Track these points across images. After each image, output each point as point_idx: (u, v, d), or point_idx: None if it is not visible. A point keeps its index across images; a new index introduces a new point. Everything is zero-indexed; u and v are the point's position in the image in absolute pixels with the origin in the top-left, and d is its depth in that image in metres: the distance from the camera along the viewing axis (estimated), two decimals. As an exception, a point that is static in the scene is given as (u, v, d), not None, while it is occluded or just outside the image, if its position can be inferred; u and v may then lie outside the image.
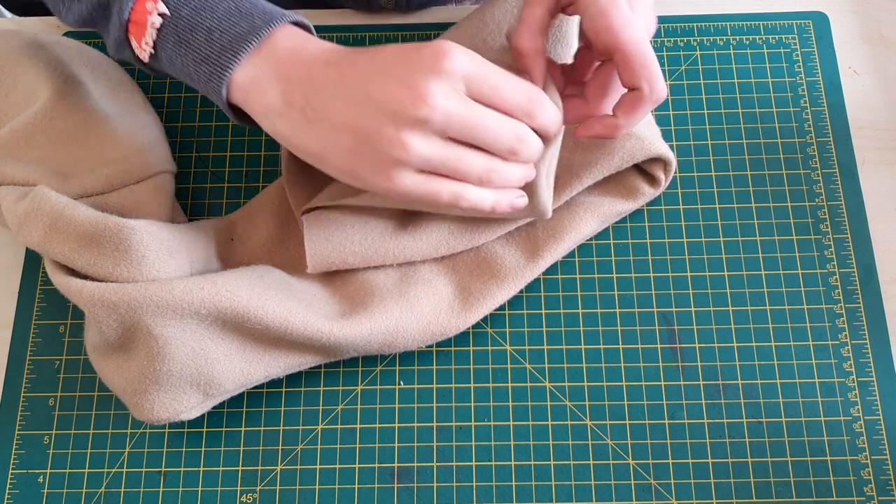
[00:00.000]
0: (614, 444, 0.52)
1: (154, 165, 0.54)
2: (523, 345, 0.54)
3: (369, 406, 0.53)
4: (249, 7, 0.45)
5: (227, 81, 0.44)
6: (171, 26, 0.45)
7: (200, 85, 0.45)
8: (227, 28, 0.44)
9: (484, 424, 0.52)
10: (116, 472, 0.52)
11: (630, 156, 0.53)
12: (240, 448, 0.52)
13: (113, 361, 0.49)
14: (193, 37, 0.44)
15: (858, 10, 0.64)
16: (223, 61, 0.44)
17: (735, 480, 0.51)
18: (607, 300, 0.55)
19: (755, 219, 0.57)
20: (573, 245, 0.55)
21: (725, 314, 0.55)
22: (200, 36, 0.44)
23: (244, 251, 0.55)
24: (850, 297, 0.55)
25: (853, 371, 0.53)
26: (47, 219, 0.48)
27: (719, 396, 0.53)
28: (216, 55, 0.44)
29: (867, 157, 0.59)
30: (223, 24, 0.44)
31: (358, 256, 0.52)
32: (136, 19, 0.45)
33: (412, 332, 0.51)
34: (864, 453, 0.51)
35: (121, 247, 0.47)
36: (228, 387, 0.49)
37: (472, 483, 0.51)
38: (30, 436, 0.52)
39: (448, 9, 0.65)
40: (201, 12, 0.44)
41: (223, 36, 0.44)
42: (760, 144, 0.59)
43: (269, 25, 0.44)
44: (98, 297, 0.46)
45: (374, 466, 0.51)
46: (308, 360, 0.52)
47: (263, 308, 0.48)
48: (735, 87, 0.61)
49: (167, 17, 0.44)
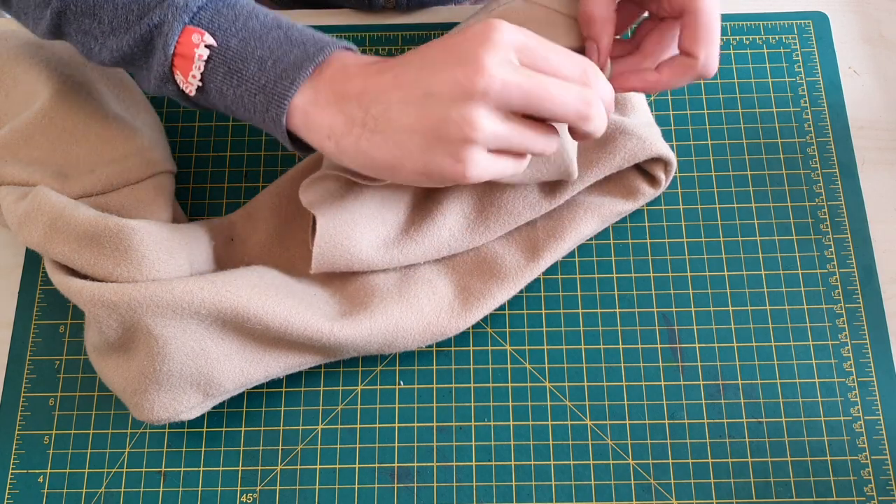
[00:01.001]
0: (614, 444, 0.52)
1: (154, 165, 0.54)
2: (523, 345, 0.54)
3: (369, 406, 0.53)
4: (299, 36, 0.44)
5: (287, 109, 0.43)
6: (220, 58, 0.43)
7: (256, 115, 0.44)
8: (281, 57, 0.43)
9: (484, 424, 0.52)
10: (116, 472, 0.52)
11: (631, 156, 0.53)
12: (240, 448, 0.52)
13: (113, 361, 0.49)
14: (245, 67, 0.43)
15: (858, 10, 0.64)
16: (280, 89, 0.43)
17: (735, 480, 0.51)
18: (607, 300, 0.55)
19: (755, 219, 0.57)
20: (573, 245, 0.55)
21: (725, 314, 0.55)
22: (253, 66, 0.43)
23: (244, 251, 0.55)
24: (850, 297, 0.55)
25: (853, 371, 0.53)
26: (47, 219, 0.48)
27: (719, 396, 0.53)
28: (272, 84, 0.43)
29: (867, 157, 0.59)
30: (276, 54, 0.43)
31: (364, 264, 0.52)
32: (183, 52, 0.43)
33: (412, 332, 0.51)
34: (864, 453, 0.51)
35: (121, 247, 0.47)
36: (228, 387, 0.49)
37: (472, 483, 0.51)
38: (30, 436, 0.52)
39: (448, 9, 0.65)
40: (250, 42, 0.44)
41: (277, 65, 0.43)
42: (760, 144, 0.59)
43: (323, 52, 0.43)
44: (98, 297, 0.46)
45: (374, 466, 0.51)
46: (308, 360, 0.52)
47: (263, 308, 0.48)
48: (735, 87, 0.61)
49: (214, 48, 0.43)
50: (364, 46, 0.62)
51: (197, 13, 0.44)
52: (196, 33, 0.43)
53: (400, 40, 0.63)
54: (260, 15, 0.45)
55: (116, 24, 0.45)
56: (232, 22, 0.44)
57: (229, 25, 0.44)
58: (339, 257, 0.51)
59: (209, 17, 0.44)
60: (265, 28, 0.44)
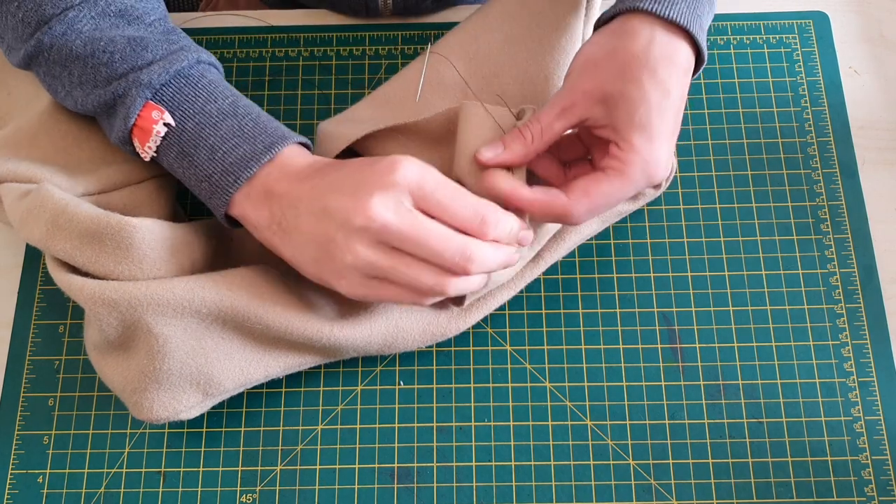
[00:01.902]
0: (614, 445, 0.52)
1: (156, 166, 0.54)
2: (523, 345, 0.54)
3: (369, 406, 0.53)
4: (252, 128, 0.47)
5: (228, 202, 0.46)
6: (175, 138, 0.47)
7: (202, 196, 0.48)
8: (230, 150, 0.46)
9: (484, 424, 0.52)
10: (116, 472, 0.52)
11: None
12: (240, 448, 0.52)
13: (113, 360, 0.49)
14: (196, 153, 0.46)
15: (859, 10, 0.64)
16: (224, 184, 0.46)
17: (735, 481, 0.51)
18: (607, 300, 0.55)
19: (755, 219, 0.57)
20: (573, 245, 0.55)
21: (726, 314, 0.55)
22: (203, 153, 0.46)
23: (244, 251, 0.55)
24: (850, 297, 0.55)
25: (854, 371, 0.53)
26: (49, 216, 0.48)
27: (720, 396, 0.53)
28: (218, 176, 0.46)
29: (867, 156, 0.59)
30: (226, 145, 0.46)
31: None
32: (142, 125, 0.47)
33: (412, 332, 0.51)
34: (864, 453, 0.51)
35: (122, 244, 0.47)
36: (228, 386, 0.49)
37: (472, 483, 0.51)
38: (29, 436, 0.52)
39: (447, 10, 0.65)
40: (205, 128, 0.46)
41: (226, 157, 0.46)
42: (760, 144, 0.59)
43: (270, 152, 0.46)
44: (99, 295, 0.46)
45: (374, 466, 0.51)
46: (308, 360, 0.51)
47: (264, 307, 0.48)
48: (735, 87, 0.61)
49: (172, 127, 0.46)
50: (364, 46, 0.62)
51: (160, 90, 0.47)
52: (156, 110, 0.46)
53: (400, 40, 0.63)
54: (219, 98, 0.47)
55: (85, 81, 0.48)
56: (191, 103, 0.47)
57: (189, 106, 0.47)
58: None
59: (170, 95, 0.47)
60: (221, 115, 0.47)
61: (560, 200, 0.46)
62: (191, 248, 0.51)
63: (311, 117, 0.60)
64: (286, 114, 0.60)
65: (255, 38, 0.63)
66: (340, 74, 0.61)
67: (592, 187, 0.46)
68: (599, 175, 0.47)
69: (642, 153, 0.46)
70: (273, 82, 0.61)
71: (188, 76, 0.47)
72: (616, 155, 0.46)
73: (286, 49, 0.62)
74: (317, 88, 0.61)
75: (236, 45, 0.62)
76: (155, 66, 0.47)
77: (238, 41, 0.63)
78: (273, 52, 0.62)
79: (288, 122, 0.60)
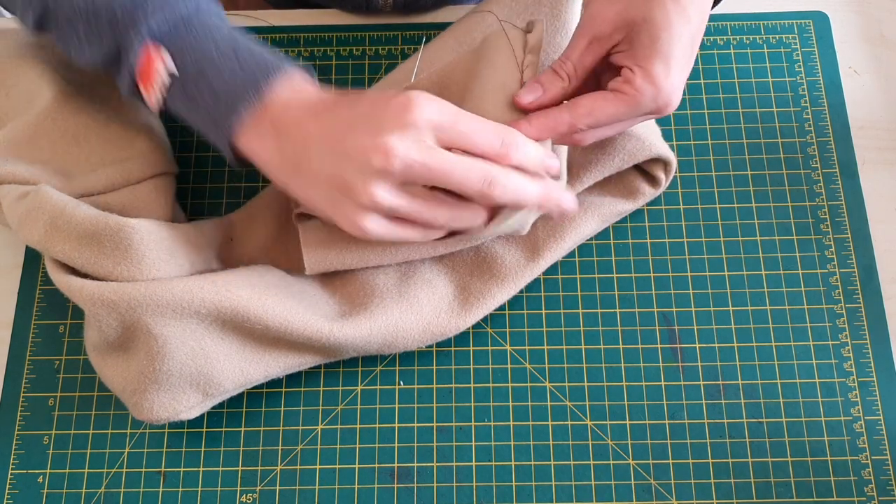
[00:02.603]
0: (614, 445, 0.52)
1: (155, 166, 0.54)
2: (523, 345, 0.54)
3: (369, 406, 0.53)
4: (251, 59, 0.46)
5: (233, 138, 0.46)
6: (178, 85, 0.46)
7: (210, 138, 0.48)
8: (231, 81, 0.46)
9: (484, 424, 0.52)
10: (116, 472, 0.52)
11: (630, 156, 0.53)
12: (240, 448, 0.52)
13: (112, 360, 0.49)
14: (199, 93, 0.46)
15: (859, 10, 0.64)
16: (227, 115, 0.46)
17: (735, 480, 0.51)
18: (607, 300, 0.55)
19: (755, 219, 0.57)
20: (573, 245, 0.55)
21: (725, 314, 0.55)
22: (205, 92, 0.46)
23: (244, 251, 0.55)
24: (850, 297, 0.55)
25: (853, 371, 0.53)
26: (48, 217, 0.48)
27: (719, 396, 0.53)
28: (221, 109, 0.46)
29: (867, 157, 0.59)
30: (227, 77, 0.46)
31: (355, 256, 0.52)
32: (143, 69, 0.46)
33: (412, 332, 0.51)
34: (864, 453, 0.51)
35: (121, 245, 0.47)
36: (228, 386, 0.49)
37: (472, 483, 0.51)
38: (29, 436, 0.52)
39: (448, 9, 0.65)
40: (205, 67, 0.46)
41: (227, 89, 0.46)
42: (760, 144, 0.59)
43: (269, 76, 0.46)
44: (98, 296, 0.46)
45: (374, 466, 0.51)
46: (308, 360, 0.51)
47: (263, 308, 0.48)
48: (735, 87, 0.61)
49: (175, 76, 0.46)
50: (364, 46, 0.62)
51: (158, 33, 0.46)
52: (155, 51, 0.46)
53: (400, 40, 0.63)
54: (218, 38, 0.47)
55: (90, 36, 0.48)
56: (190, 43, 0.46)
57: (188, 46, 0.46)
58: (328, 252, 0.51)
59: (170, 37, 0.46)
60: (220, 53, 0.46)
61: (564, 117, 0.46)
62: (190, 248, 0.51)
63: (311, 117, 0.60)
64: (286, 114, 0.60)
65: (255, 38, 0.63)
66: (340, 74, 0.61)
67: (598, 108, 0.46)
68: (608, 95, 0.46)
69: (658, 81, 0.45)
70: (273, 82, 0.61)
71: (187, 18, 0.47)
72: (630, 80, 0.46)
73: (286, 49, 0.62)
74: (317, 88, 0.61)
75: (236, 45, 0.62)
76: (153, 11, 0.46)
77: (238, 41, 0.62)
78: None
79: (288, 122, 0.60)
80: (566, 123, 0.46)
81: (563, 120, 0.46)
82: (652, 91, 0.45)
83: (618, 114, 0.46)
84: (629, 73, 0.46)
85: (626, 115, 0.46)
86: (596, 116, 0.46)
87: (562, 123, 0.46)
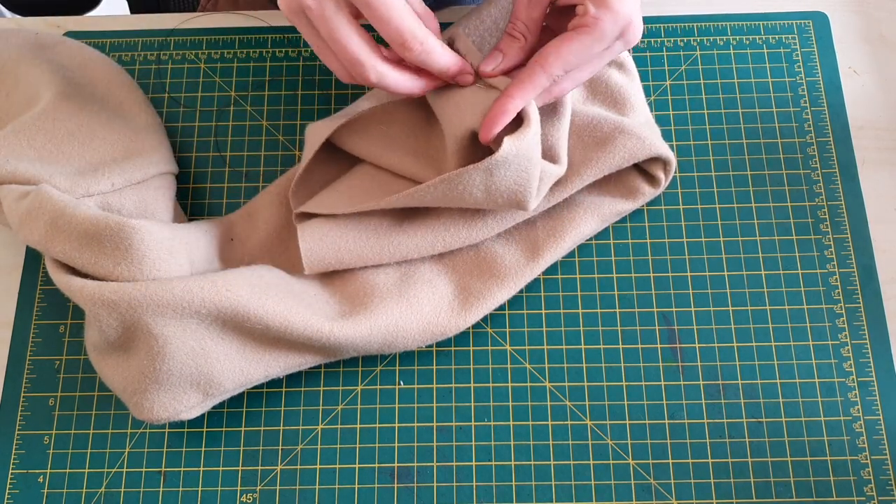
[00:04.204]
0: (614, 444, 0.52)
1: (155, 166, 0.54)
2: (523, 345, 0.54)
3: (369, 406, 0.53)
4: None
5: None
6: None
7: None
8: None
9: (484, 424, 0.52)
10: (116, 472, 0.52)
11: (630, 155, 0.53)
12: (240, 448, 0.52)
13: (113, 360, 0.49)
14: None
15: (858, 10, 0.64)
16: None
17: (735, 480, 0.51)
18: (607, 300, 0.55)
19: (755, 219, 0.57)
20: (573, 245, 0.55)
21: (725, 314, 0.55)
22: None
23: (244, 251, 0.55)
24: (850, 297, 0.55)
25: (853, 371, 0.53)
26: (48, 217, 0.48)
27: (719, 396, 0.53)
28: None
29: (867, 157, 0.59)
30: None
31: (354, 255, 0.52)
32: None
33: (412, 331, 0.51)
34: (864, 453, 0.51)
35: (121, 246, 0.47)
36: (228, 386, 0.49)
37: (472, 483, 0.51)
38: (30, 436, 0.52)
39: (448, 9, 0.65)
40: None
41: None
42: (760, 144, 0.59)
43: None
44: (98, 296, 0.46)
45: (374, 466, 0.51)
46: (308, 360, 0.52)
47: (263, 308, 0.48)
48: (735, 87, 0.61)
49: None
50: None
51: None
52: None
53: (400, 40, 0.62)
54: None
55: None
56: None
57: None
58: (327, 251, 0.51)
59: None
60: None
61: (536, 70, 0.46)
62: (190, 248, 0.51)
63: (311, 117, 0.60)
64: (286, 114, 0.60)
65: (256, 38, 0.63)
66: (340, 74, 0.61)
67: (564, 49, 0.46)
68: (569, 34, 0.46)
69: (611, 4, 0.45)
70: (273, 82, 0.61)
71: None
72: (584, 12, 0.46)
73: (286, 49, 0.62)
74: (317, 88, 0.61)
75: (236, 46, 0.62)
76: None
77: (238, 41, 0.63)
78: (273, 52, 0.62)
79: (288, 122, 0.60)
80: (541, 76, 0.46)
81: (536, 73, 0.46)
82: (609, 15, 0.45)
83: (584, 48, 0.46)
84: (581, 7, 0.46)
85: (593, 47, 0.46)
86: (564, 57, 0.46)
87: (537, 77, 0.46)
